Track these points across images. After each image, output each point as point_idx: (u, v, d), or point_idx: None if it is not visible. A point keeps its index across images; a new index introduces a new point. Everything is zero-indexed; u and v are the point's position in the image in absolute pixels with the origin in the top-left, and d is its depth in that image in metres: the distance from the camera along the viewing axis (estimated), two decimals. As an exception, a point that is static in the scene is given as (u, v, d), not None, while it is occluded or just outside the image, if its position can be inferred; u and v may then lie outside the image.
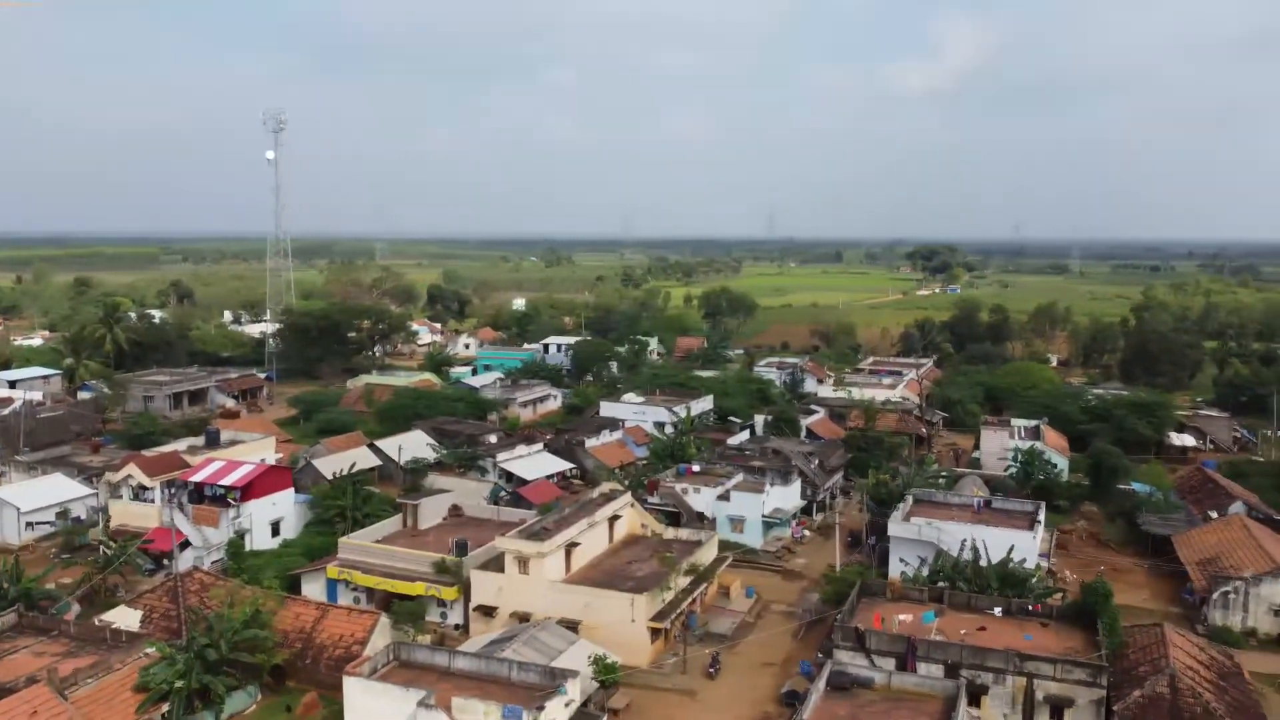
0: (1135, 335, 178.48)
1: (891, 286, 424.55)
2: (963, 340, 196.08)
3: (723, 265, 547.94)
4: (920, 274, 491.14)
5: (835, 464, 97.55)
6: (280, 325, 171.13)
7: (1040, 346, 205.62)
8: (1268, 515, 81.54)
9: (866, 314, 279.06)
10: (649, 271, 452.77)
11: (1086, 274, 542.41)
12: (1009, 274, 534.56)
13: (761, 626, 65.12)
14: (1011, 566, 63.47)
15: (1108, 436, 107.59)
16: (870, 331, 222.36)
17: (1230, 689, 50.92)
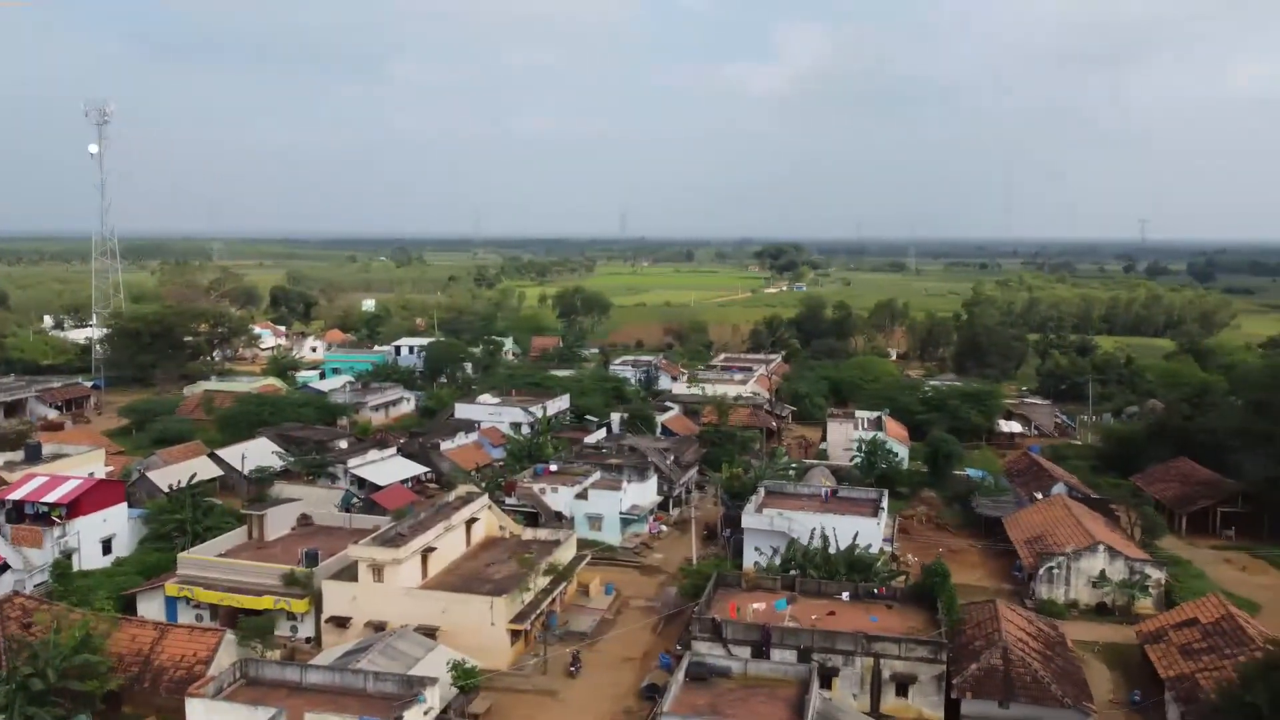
0: (966, 330, 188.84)
1: (741, 285, 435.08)
2: (809, 336, 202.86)
3: (576, 264, 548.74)
4: (768, 272, 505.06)
5: (690, 459, 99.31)
6: (108, 330, 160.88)
7: (881, 341, 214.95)
8: (1086, 495, 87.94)
9: (717, 312, 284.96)
10: (502, 271, 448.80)
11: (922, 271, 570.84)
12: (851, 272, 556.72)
13: (621, 623, 65.68)
14: (858, 552, 66.24)
15: (943, 425, 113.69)
16: (721, 329, 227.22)
17: (1056, 657, 54.72)
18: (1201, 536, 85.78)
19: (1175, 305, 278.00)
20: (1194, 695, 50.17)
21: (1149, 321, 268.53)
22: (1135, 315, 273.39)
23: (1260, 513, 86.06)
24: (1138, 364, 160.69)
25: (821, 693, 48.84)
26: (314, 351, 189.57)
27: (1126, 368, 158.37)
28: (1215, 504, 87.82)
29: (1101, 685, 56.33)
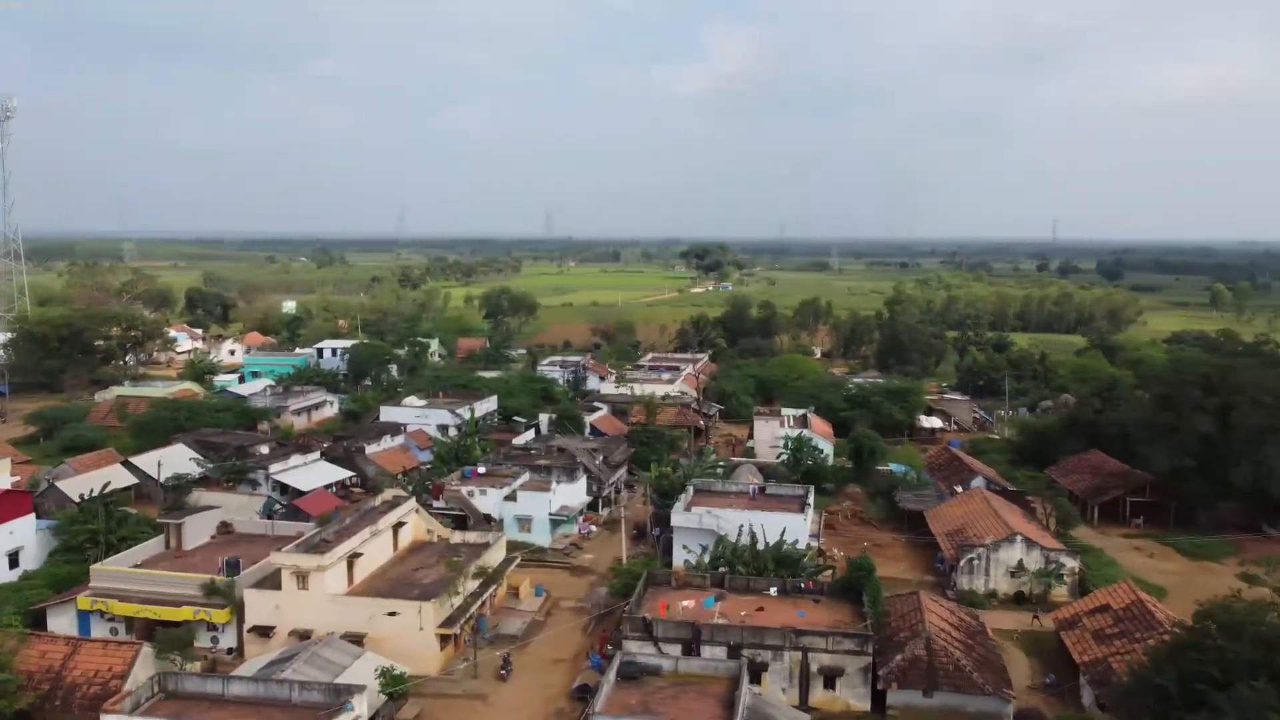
0: (888, 328, 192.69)
1: (667, 285, 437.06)
2: (735, 335, 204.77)
3: (503, 265, 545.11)
4: (694, 272, 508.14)
5: (619, 459, 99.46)
6: (13, 334, 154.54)
7: (805, 340, 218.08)
8: (1003, 487, 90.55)
9: (644, 311, 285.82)
10: (427, 272, 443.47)
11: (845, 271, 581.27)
12: (775, 271, 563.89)
13: (552, 624, 65.49)
14: (785, 548, 67.15)
15: (867, 422, 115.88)
16: (648, 328, 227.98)
17: (977, 646, 56.24)
18: (1112, 525, 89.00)
19: (1086, 303, 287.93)
20: (1107, 678, 52.08)
21: (1061, 318, 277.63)
22: (1048, 312, 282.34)
23: (1166, 501, 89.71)
24: (1051, 360, 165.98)
25: (751, 688, 49.37)
26: (232, 355, 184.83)
27: (1040, 364, 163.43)
28: (1125, 494, 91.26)
29: (1020, 671, 58.03)
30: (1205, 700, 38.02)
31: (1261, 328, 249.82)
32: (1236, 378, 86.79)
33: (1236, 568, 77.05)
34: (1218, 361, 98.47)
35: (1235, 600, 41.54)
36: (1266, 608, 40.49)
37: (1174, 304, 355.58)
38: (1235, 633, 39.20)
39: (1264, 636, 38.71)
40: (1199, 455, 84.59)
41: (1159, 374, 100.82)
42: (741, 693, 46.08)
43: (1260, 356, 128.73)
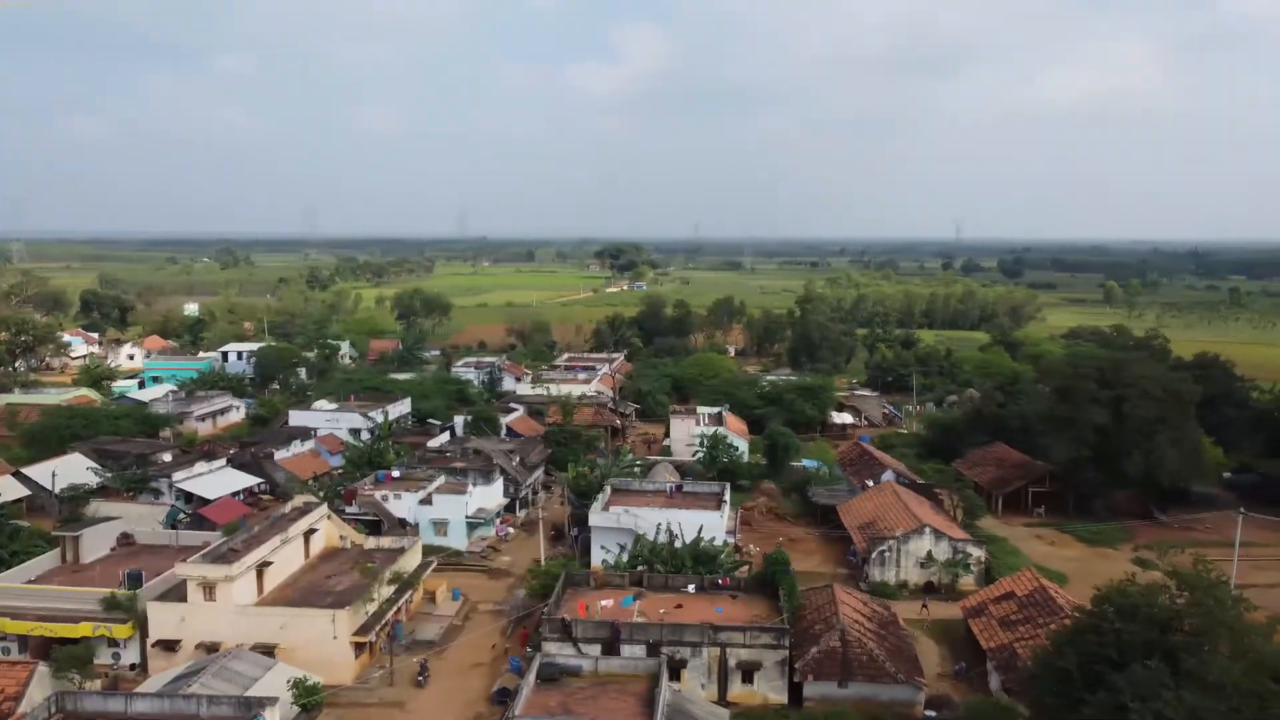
0: (800, 326, 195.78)
1: (582, 284, 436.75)
2: (650, 334, 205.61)
3: (415, 265, 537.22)
4: (609, 272, 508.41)
5: (536, 460, 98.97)
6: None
7: (720, 338, 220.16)
8: (912, 480, 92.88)
9: (560, 311, 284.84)
10: (337, 272, 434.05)
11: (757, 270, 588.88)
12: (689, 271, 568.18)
13: (470, 628, 64.83)
14: (703, 545, 67.73)
15: (780, 419, 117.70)
16: (564, 328, 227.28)
17: (889, 636, 57.61)
18: (1016, 515, 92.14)
19: (988, 300, 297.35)
20: (1012, 663, 53.89)
21: (965, 315, 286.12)
22: (953, 310, 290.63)
23: (1065, 491, 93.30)
24: (956, 356, 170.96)
25: (671, 685, 49.68)
26: (131, 359, 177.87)
27: (946, 359, 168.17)
28: (1027, 484, 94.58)
29: (931, 659, 59.66)
30: (1103, 680, 39.63)
31: (1151, 323, 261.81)
32: (1128, 371, 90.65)
33: (1131, 553, 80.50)
34: (1111, 356, 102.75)
35: (1130, 584, 43.33)
36: (1159, 590, 42.35)
37: (1070, 301, 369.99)
38: (1130, 615, 40.93)
39: (1156, 618, 40.53)
40: (1095, 446, 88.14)
41: (1057, 369, 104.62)
42: (661, 690, 46.33)
43: (1150, 351, 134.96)
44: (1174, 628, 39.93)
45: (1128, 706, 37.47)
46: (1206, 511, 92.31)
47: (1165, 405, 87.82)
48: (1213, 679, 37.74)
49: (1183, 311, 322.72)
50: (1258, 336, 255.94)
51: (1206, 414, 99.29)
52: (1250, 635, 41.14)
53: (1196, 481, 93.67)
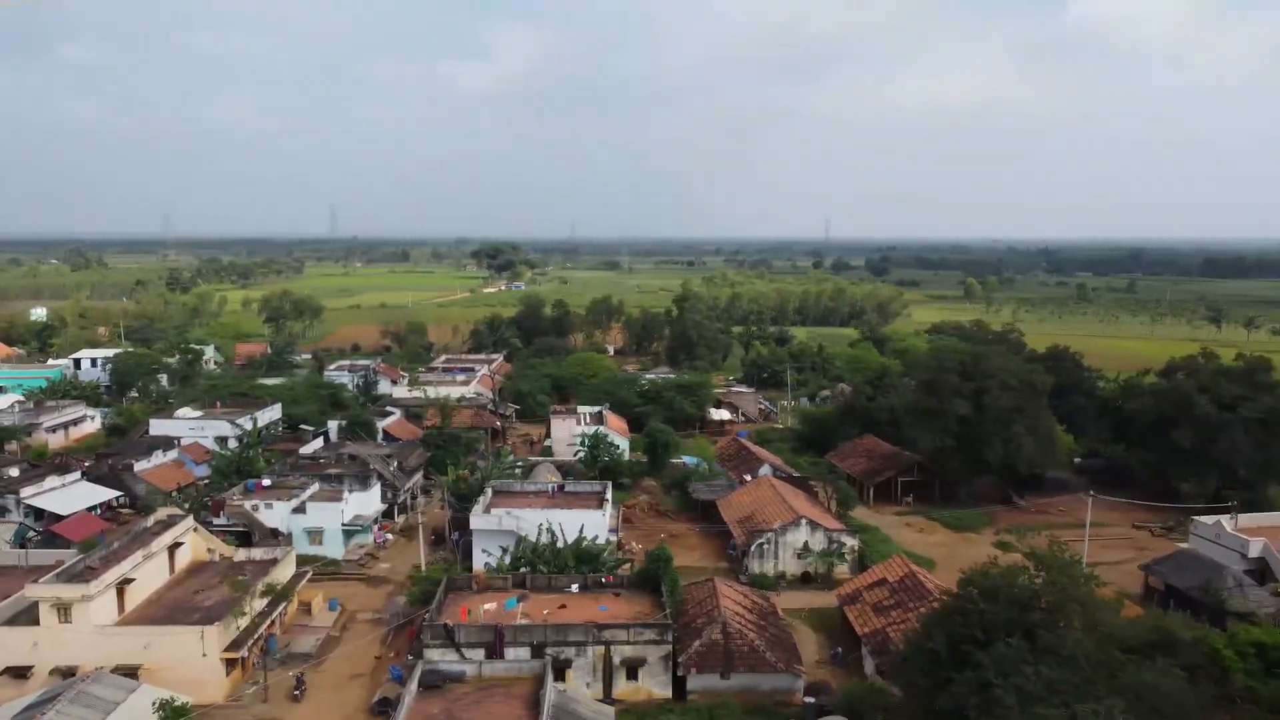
0: (677, 324, 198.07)
1: (459, 285, 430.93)
2: (529, 334, 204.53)
3: (283, 266, 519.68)
4: (486, 272, 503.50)
5: (414, 464, 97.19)
6: None
7: (599, 337, 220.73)
8: (789, 474, 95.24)
9: (436, 312, 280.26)
10: (199, 274, 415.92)
11: (635, 269, 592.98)
12: (567, 270, 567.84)
13: (348, 639, 63.18)
14: (585, 544, 67.85)
15: (660, 416, 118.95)
16: (441, 330, 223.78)
17: (769, 626, 58.97)
18: (886, 504, 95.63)
19: (857, 298, 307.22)
20: (885, 647, 55.94)
21: (836, 312, 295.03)
22: (824, 307, 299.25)
23: (932, 479, 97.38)
24: (828, 352, 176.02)
25: (556, 685, 49.58)
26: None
27: (818, 355, 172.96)
28: (896, 474, 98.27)
29: (809, 647, 61.37)
30: (969, 659, 41.55)
31: (1007, 317, 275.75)
32: (988, 364, 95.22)
33: (993, 536, 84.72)
34: (972, 350, 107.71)
35: (992, 567, 45.53)
36: (1018, 572, 44.64)
37: (934, 297, 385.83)
38: (993, 596, 43.04)
39: (1017, 597, 42.74)
40: (958, 436, 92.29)
41: (922, 363, 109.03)
42: (546, 691, 46.21)
43: (1007, 344, 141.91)
44: (1033, 606, 42.16)
45: (992, 683, 39.41)
46: (1060, 495, 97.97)
47: (1021, 396, 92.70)
48: (1067, 652, 40.11)
49: (1036, 307, 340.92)
50: (1103, 330, 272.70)
51: (1058, 403, 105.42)
52: (1100, 610, 43.94)
53: (1051, 467, 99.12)
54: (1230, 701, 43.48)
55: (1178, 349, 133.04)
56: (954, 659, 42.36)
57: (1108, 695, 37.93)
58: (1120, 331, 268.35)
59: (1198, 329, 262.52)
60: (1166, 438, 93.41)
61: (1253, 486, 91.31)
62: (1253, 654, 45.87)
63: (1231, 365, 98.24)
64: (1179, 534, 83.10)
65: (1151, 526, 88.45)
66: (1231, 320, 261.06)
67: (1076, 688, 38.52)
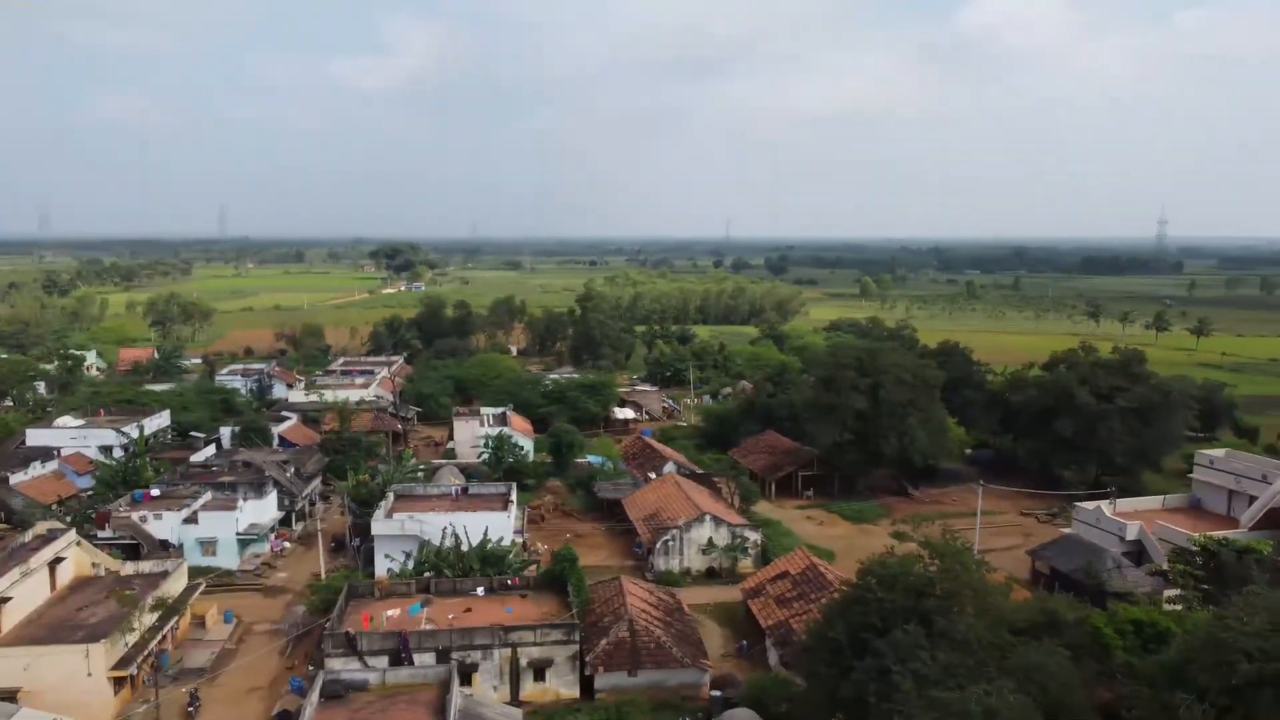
0: (580, 324, 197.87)
1: (357, 285, 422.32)
2: (431, 336, 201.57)
3: (170, 267, 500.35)
4: (384, 272, 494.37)
5: (313, 470, 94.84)
6: None
7: (502, 338, 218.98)
8: (692, 471, 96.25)
9: (333, 314, 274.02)
10: (79, 276, 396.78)
11: (537, 269, 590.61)
12: (469, 270, 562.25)
13: (245, 651, 61.30)
14: (490, 547, 67.31)
15: (564, 416, 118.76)
16: (339, 332, 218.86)
17: (675, 623, 59.51)
18: (788, 498, 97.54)
19: (757, 296, 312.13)
20: (788, 638, 57.07)
21: (736, 311, 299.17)
22: (725, 305, 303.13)
23: (831, 473, 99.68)
24: (729, 350, 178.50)
25: (462, 690, 49.10)
26: None
27: (720, 354, 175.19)
28: (797, 469, 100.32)
29: (715, 641, 62.15)
30: (869, 647, 42.74)
31: (901, 314, 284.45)
32: (883, 360, 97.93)
33: (889, 527, 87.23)
34: (867, 346, 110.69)
35: (889, 556, 46.96)
36: (914, 560, 46.13)
37: (831, 295, 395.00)
38: (890, 585, 44.37)
39: (913, 585, 44.15)
40: (856, 430, 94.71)
41: (820, 359, 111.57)
42: (452, 696, 45.73)
43: (901, 340, 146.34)
44: (928, 593, 43.60)
45: (890, 669, 40.63)
46: (952, 486, 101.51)
47: (915, 390, 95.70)
48: (961, 637, 41.63)
49: (927, 304, 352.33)
50: (990, 325, 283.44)
51: (950, 397, 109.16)
52: (991, 595, 45.75)
53: (943, 459, 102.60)
54: (1110, 677, 45.67)
55: (1059, 343, 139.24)
56: (854, 647, 43.52)
57: (999, 676, 39.47)
58: (1006, 327, 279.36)
59: (1078, 324, 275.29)
60: (1050, 428, 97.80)
61: (1129, 472, 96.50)
62: (1131, 631, 48.34)
63: (1108, 358, 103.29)
64: (1063, 520, 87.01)
65: (1037, 513, 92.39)
66: (1108, 315, 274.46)
67: (970, 670, 39.99)
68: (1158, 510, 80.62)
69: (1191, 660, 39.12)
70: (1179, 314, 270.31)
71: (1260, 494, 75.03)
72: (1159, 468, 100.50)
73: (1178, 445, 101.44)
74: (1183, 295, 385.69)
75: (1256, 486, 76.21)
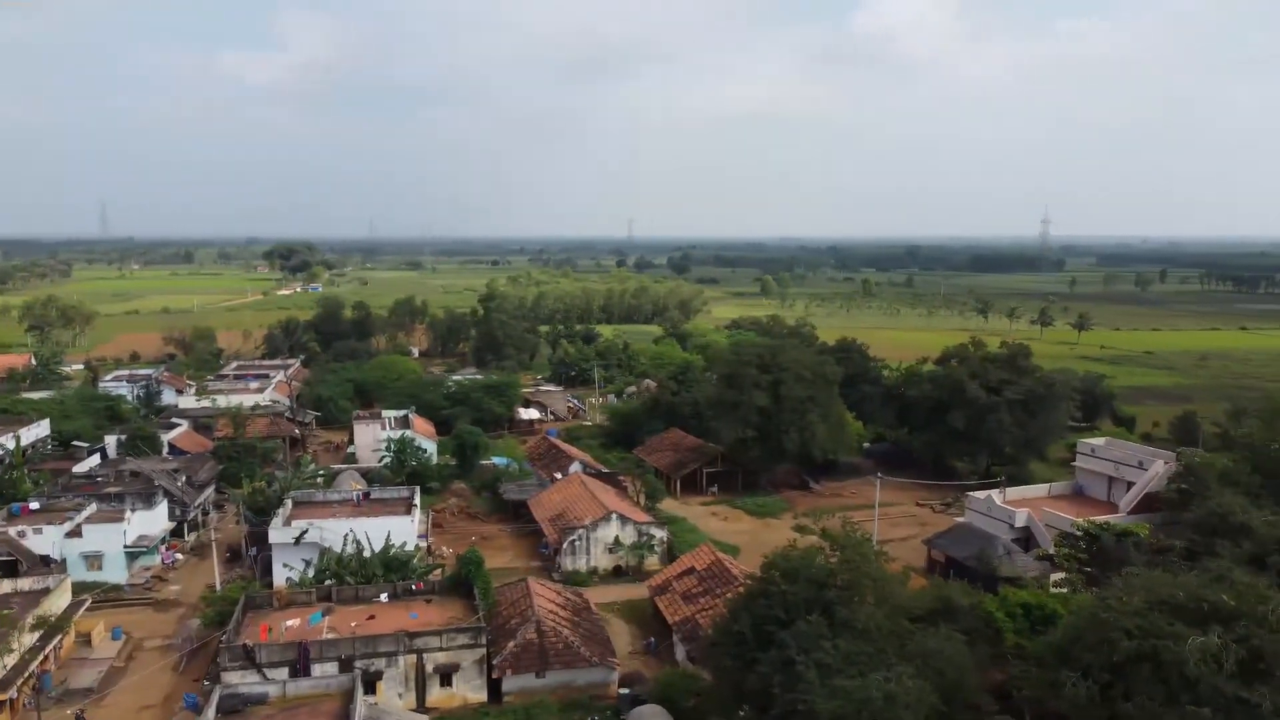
0: (483, 324, 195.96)
1: (250, 287, 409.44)
2: (329, 338, 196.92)
3: (47, 269, 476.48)
4: (279, 273, 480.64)
5: (205, 478, 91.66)
6: None
7: (403, 339, 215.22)
8: (598, 470, 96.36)
9: (226, 317, 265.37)
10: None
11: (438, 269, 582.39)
12: (368, 271, 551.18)
13: (135, 669, 58.86)
14: (394, 552, 66.16)
15: (468, 418, 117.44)
16: (231, 335, 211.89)
17: (583, 622, 59.50)
18: (692, 495, 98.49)
19: (660, 295, 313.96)
20: (695, 634, 57.65)
21: (640, 310, 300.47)
22: (628, 305, 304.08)
23: (735, 469, 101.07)
24: (633, 349, 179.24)
25: (366, 699, 48.22)
26: None
27: (624, 353, 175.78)
28: (701, 466, 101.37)
29: (623, 640, 62.40)
30: (773, 638, 43.56)
31: (800, 312, 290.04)
32: (784, 357, 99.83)
33: (792, 521, 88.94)
34: (768, 344, 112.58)
35: (791, 549, 47.90)
36: (815, 553, 47.16)
37: (732, 294, 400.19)
38: (793, 577, 45.27)
39: (815, 577, 45.13)
40: (758, 426, 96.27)
41: (723, 357, 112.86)
42: (356, 705, 44.86)
43: (801, 338, 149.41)
44: (829, 584, 44.63)
45: (794, 659, 41.48)
46: (851, 479, 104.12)
47: (815, 386, 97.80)
48: (861, 625, 42.77)
49: (826, 301, 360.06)
50: (885, 322, 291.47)
51: (848, 392, 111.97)
52: (890, 584, 47.09)
53: (842, 453, 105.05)
54: (1002, 658, 47.55)
55: (951, 339, 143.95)
56: (759, 640, 44.27)
57: (898, 662, 40.71)
58: (901, 323, 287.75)
59: (968, 319, 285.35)
60: (943, 421, 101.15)
61: (1017, 462, 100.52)
62: (1021, 614, 50.42)
63: (997, 353, 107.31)
64: (956, 509, 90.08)
65: (932, 503, 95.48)
66: (997, 311, 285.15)
67: (870, 657, 41.13)
68: (1044, 498, 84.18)
69: (1077, 640, 41.02)
70: (1061, 309, 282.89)
71: (1137, 480, 79.05)
72: (1045, 457, 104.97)
73: (1062, 435, 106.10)
74: (1065, 291, 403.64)
75: (1134, 473, 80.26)
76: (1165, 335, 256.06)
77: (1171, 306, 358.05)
